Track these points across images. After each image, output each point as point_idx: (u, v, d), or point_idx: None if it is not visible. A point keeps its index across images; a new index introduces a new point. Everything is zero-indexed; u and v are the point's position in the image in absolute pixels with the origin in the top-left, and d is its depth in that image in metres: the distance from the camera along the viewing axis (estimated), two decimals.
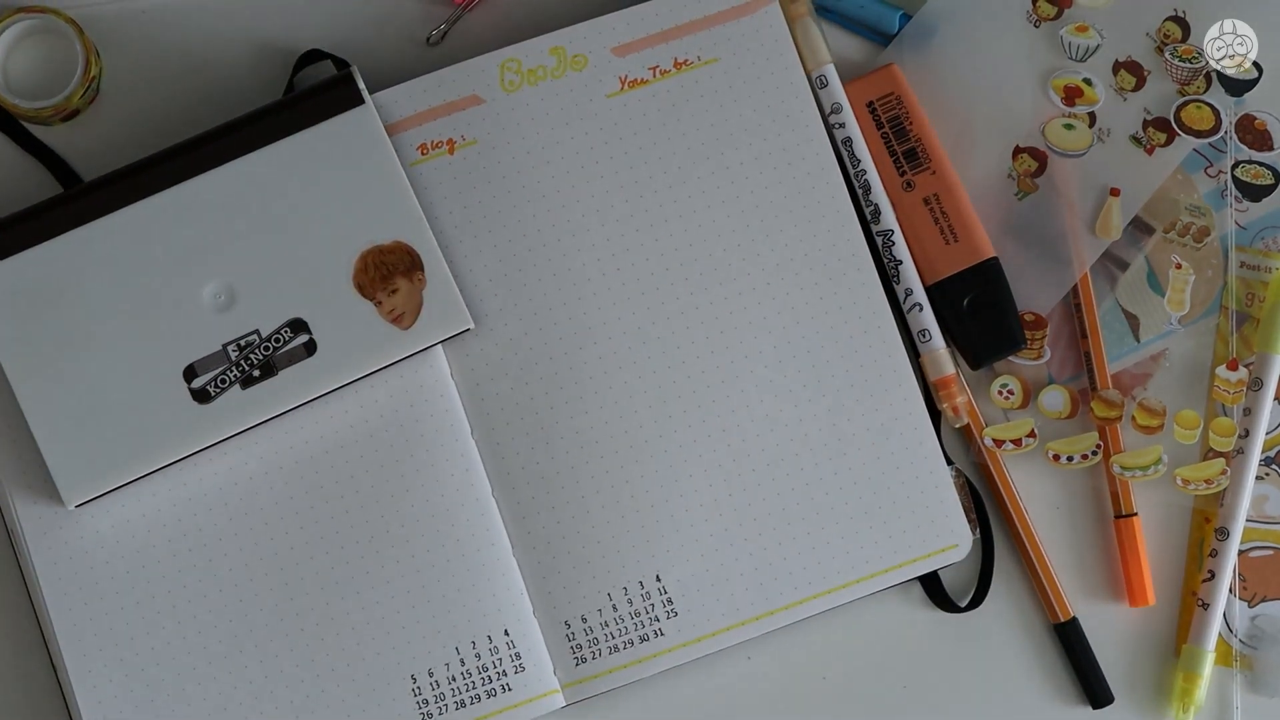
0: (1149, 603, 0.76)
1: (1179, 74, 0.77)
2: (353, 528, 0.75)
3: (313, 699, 0.74)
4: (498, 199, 0.77)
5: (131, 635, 0.74)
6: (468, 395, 0.76)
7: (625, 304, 0.76)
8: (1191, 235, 0.77)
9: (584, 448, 0.75)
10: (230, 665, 0.74)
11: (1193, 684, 0.76)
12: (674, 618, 0.75)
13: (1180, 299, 0.77)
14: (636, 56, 0.78)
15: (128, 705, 0.74)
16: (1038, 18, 0.78)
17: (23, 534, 0.74)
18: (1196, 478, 0.76)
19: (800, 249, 0.77)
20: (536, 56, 0.77)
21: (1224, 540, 0.76)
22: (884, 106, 0.78)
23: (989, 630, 0.77)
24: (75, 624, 0.74)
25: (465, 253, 0.76)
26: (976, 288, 0.77)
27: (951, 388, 0.76)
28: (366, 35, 0.79)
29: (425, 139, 0.77)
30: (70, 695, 0.74)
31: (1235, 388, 0.76)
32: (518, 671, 0.74)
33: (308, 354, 0.73)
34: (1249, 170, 0.77)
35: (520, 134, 0.77)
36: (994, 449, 0.77)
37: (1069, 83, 0.78)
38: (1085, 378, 0.77)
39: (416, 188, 0.75)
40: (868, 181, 0.77)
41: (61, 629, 0.73)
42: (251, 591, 0.74)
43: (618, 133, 0.77)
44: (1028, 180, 0.78)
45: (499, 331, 0.76)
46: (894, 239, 0.77)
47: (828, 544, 0.75)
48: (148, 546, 0.74)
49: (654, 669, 0.75)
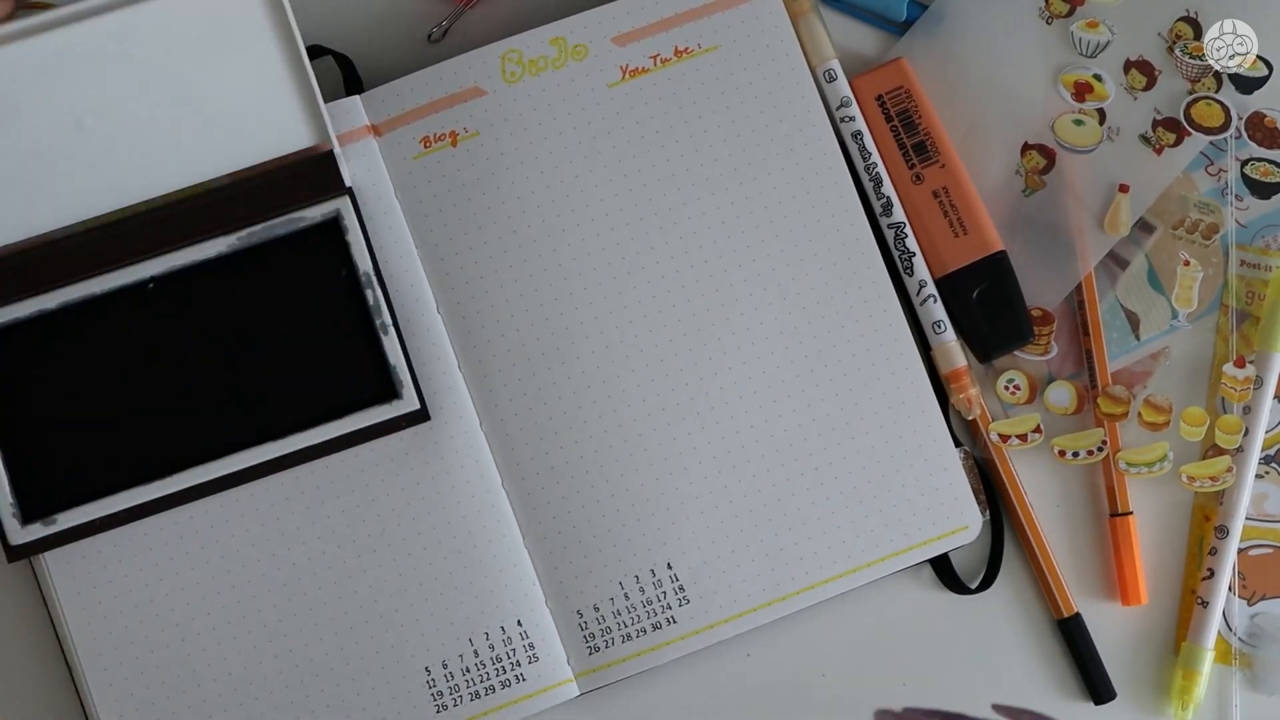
0: (1141, 602, 0.77)
1: (1189, 71, 0.78)
2: (364, 522, 0.74)
3: (327, 692, 0.74)
4: (501, 190, 0.76)
5: (146, 634, 0.73)
6: (475, 386, 0.75)
7: (631, 293, 0.76)
8: (1200, 232, 0.78)
9: (593, 437, 0.75)
10: (244, 660, 0.74)
11: (1192, 681, 0.76)
12: (686, 605, 0.75)
13: (1188, 296, 0.77)
14: (637, 45, 0.77)
15: (143, 702, 0.73)
16: (1050, 14, 0.79)
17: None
18: (1202, 474, 0.76)
19: (805, 235, 0.77)
20: (537, 47, 0.77)
21: (1224, 538, 0.76)
22: (893, 100, 0.78)
23: (992, 624, 0.77)
24: (91, 627, 0.74)
25: (469, 244, 0.76)
26: (985, 281, 0.77)
27: (964, 380, 0.76)
28: (368, 32, 0.79)
29: (427, 132, 0.76)
30: (86, 695, 0.74)
31: (1242, 385, 0.76)
32: (531, 661, 0.74)
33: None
34: (1258, 167, 0.78)
35: (522, 125, 0.77)
36: (999, 444, 0.77)
37: (1079, 78, 0.78)
38: (1086, 375, 0.77)
39: (419, 181, 0.75)
40: (879, 175, 0.77)
41: (79, 636, 0.74)
42: (265, 587, 0.74)
43: (620, 122, 0.77)
44: (1035, 177, 0.78)
45: (504, 322, 0.76)
46: (905, 232, 0.77)
47: (838, 529, 0.75)
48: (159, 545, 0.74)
49: (667, 656, 0.75)
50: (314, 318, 0.75)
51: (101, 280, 0.74)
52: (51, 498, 0.73)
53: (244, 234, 0.74)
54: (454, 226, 0.76)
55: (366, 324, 0.74)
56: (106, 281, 0.74)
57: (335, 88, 0.78)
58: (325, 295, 0.75)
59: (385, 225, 0.76)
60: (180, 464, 0.73)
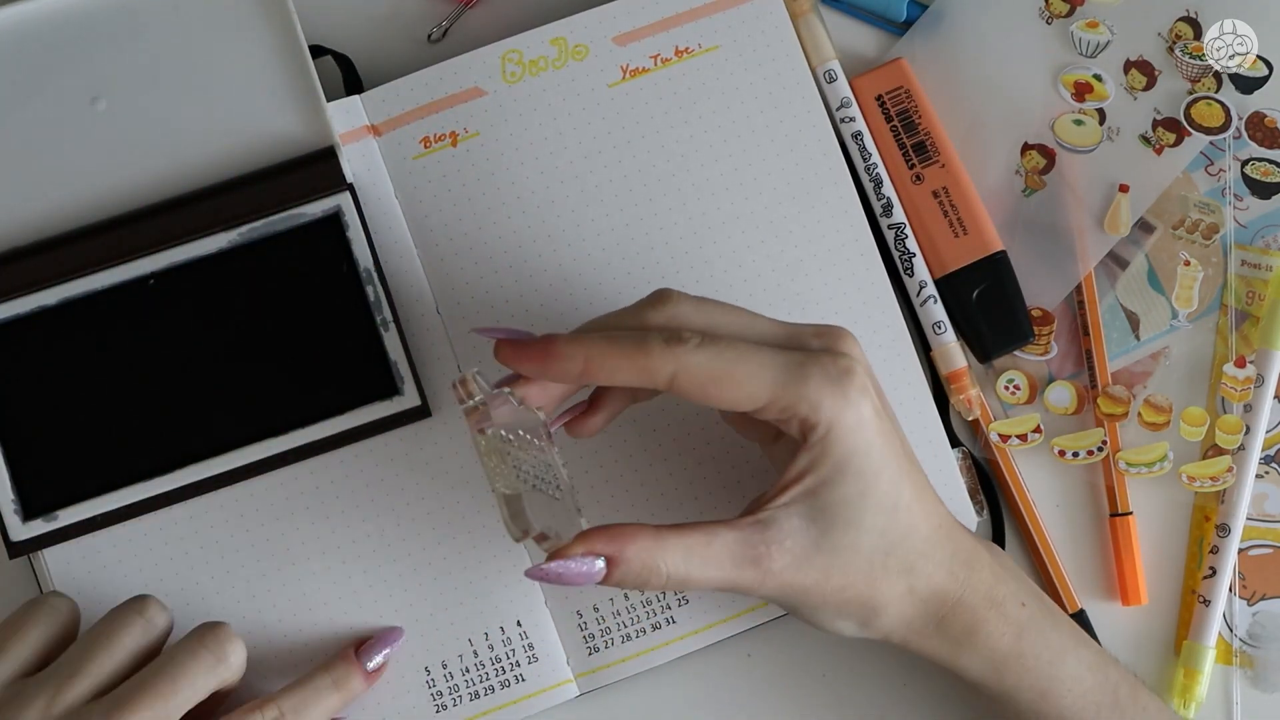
0: (1141, 602, 0.77)
1: (1189, 70, 0.78)
2: (364, 521, 0.74)
3: None
4: (501, 190, 0.76)
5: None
6: None
7: (630, 292, 0.76)
8: (1200, 232, 0.78)
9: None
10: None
11: (1193, 680, 0.76)
12: (686, 605, 0.75)
13: (1188, 296, 0.77)
14: (638, 45, 0.77)
15: None
16: (1050, 14, 0.79)
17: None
18: (1202, 474, 0.76)
19: (804, 235, 0.76)
20: (538, 47, 0.77)
21: (1225, 536, 0.76)
22: (893, 100, 0.78)
23: None
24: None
25: (469, 244, 0.76)
26: (985, 281, 0.77)
27: (964, 380, 0.76)
28: (368, 32, 0.79)
29: (428, 132, 0.76)
30: None
31: (1243, 385, 0.76)
32: (531, 662, 0.74)
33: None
34: (1258, 167, 0.78)
35: (523, 125, 0.77)
36: (1000, 444, 0.77)
37: (1079, 78, 0.78)
38: (1086, 375, 0.77)
39: (419, 181, 0.75)
40: (879, 175, 0.77)
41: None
42: (264, 587, 0.74)
43: (620, 122, 0.77)
44: (1035, 177, 0.78)
45: (504, 321, 0.75)
46: (905, 232, 0.77)
47: None
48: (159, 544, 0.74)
49: (667, 656, 0.75)
50: (314, 314, 0.74)
51: (102, 276, 0.74)
52: (52, 494, 0.73)
53: (244, 230, 0.74)
54: (454, 226, 0.76)
55: (367, 320, 0.74)
56: (107, 277, 0.74)
57: (335, 88, 0.78)
58: (326, 291, 0.74)
59: (385, 225, 0.76)
60: (181, 460, 0.73)
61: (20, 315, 0.74)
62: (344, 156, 0.75)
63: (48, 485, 0.73)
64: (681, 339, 0.62)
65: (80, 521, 0.73)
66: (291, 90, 0.75)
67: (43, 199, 0.74)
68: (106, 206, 0.74)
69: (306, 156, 0.74)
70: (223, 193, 0.74)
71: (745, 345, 0.63)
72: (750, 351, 0.62)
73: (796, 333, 0.65)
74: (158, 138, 0.74)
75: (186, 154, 0.74)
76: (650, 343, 0.62)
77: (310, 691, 0.70)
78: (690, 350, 0.62)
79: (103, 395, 0.74)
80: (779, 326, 0.65)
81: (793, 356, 0.63)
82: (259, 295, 0.74)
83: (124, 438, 0.74)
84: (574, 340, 0.63)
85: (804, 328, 0.66)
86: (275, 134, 0.75)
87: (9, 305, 0.74)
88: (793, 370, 0.62)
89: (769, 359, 0.62)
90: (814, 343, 0.65)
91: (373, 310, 0.74)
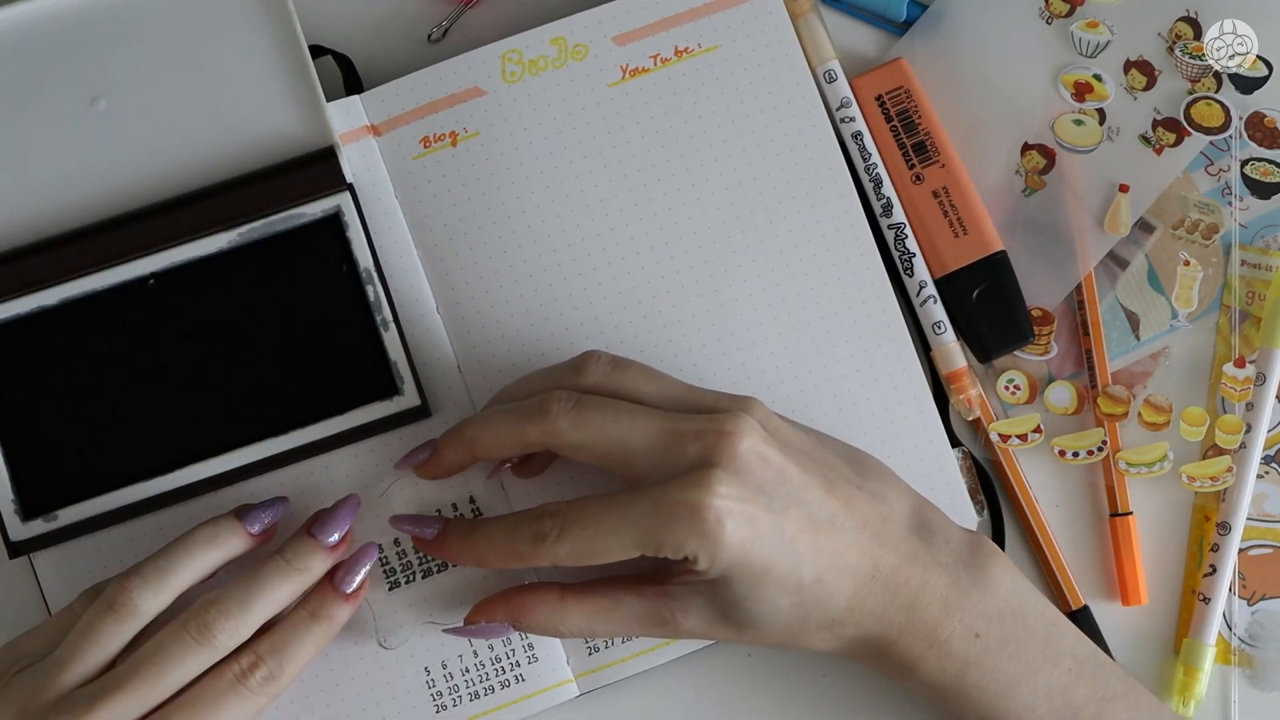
0: (1142, 601, 0.77)
1: (1189, 70, 0.78)
2: (364, 519, 0.74)
3: (326, 693, 0.73)
4: (501, 190, 0.76)
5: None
6: (471, 380, 0.75)
7: (630, 292, 0.76)
8: (1200, 232, 0.78)
9: None
10: None
11: (1193, 678, 0.76)
12: None
13: (1188, 296, 0.77)
14: (637, 45, 0.77)
15: None
16: (1050, 14, 0.79)
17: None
18: (1202, 474, 0.76)
19: (804, 235, 0.76)
20: (537, 47, 0.77)
21: (1225, 535, 0.76)
22: (893, 100, 0.78)
23: None
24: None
25: (469, 244, 0.76)
26: (985, 281, 0.77)
27: (964, 380, 0.76)
28: (368, 32, 0.79)
29: (427, 132, 0.76)
30: None
31: (1242, 385, 0.76)
32: (531, 662, 0.74)
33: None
34: (1258, 167, 0.78)
35: (522, 125, 0.77)
36: (1000, 444, 0.77)
37: (1079, 78, 0.78)
38: (1086, 375, 0.77)
39: (419, 181, 0.75)
40: (879, 175, 0.77)
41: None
42: None
43: (620, 122, 0.77)
44: (1035, 177, 0.78)
45: (504, 321, 0.75)
46: (905, 232, 0.77)
47: None
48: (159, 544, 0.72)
49: (667, 656, 0.75)
50: (315, 314, 0.74)
51: (102, 276, 0.74)
52: (52, 494, 0.73)
53: (244, 230, 0.74)
54: (454, 226, 0.76)
55: (367, 320, 0.74)
56: (107, 277, 0.74)
57: (335, 88, 0.78)
58: (326, 291, 0.74)
59: (385, 225, 0.76)
60: (181, 460, 0.73)
61: (20, 315, 0.74)
62: (344, 156, 0.75)
63: (48, 485, 0.73)
64: (544, 533, 0.65)
65: (80, 521, 0.73)
66: (291, 90, 0.75)
67: (43, 199, 0.74)
68: (106, 206, 0.74)
69: (306, 156, 0.74)
70: (223, 193, 0.74)
71: (602, 514, 0.65)
72: (605, 518, 0.65)
73: (697, 400, 0.68)
74: (157, 138, 0.74)
75: (186, 154, 0.74)
76: (519, 545, 0.66)
77: (288, 630, 0.67)
78: (553, 544, 0.65)
79: (103, 395, 0.74)
80: (682, 394, 0.68)
81: (650, 499, 0.64)
82: (259, 295, 0.74)
83: (124, 438, 0.74)
84: (462, 543, 0.69)
85: (705, 395, 0.68)
86: (275, 134, 0.75)
87: (9, 305, 0.74)
88: (649, 519, 0.64)
89: (623, 521, 0.64)
90: (703, 424, 0.65)
91: (373, 310, 0.74)
